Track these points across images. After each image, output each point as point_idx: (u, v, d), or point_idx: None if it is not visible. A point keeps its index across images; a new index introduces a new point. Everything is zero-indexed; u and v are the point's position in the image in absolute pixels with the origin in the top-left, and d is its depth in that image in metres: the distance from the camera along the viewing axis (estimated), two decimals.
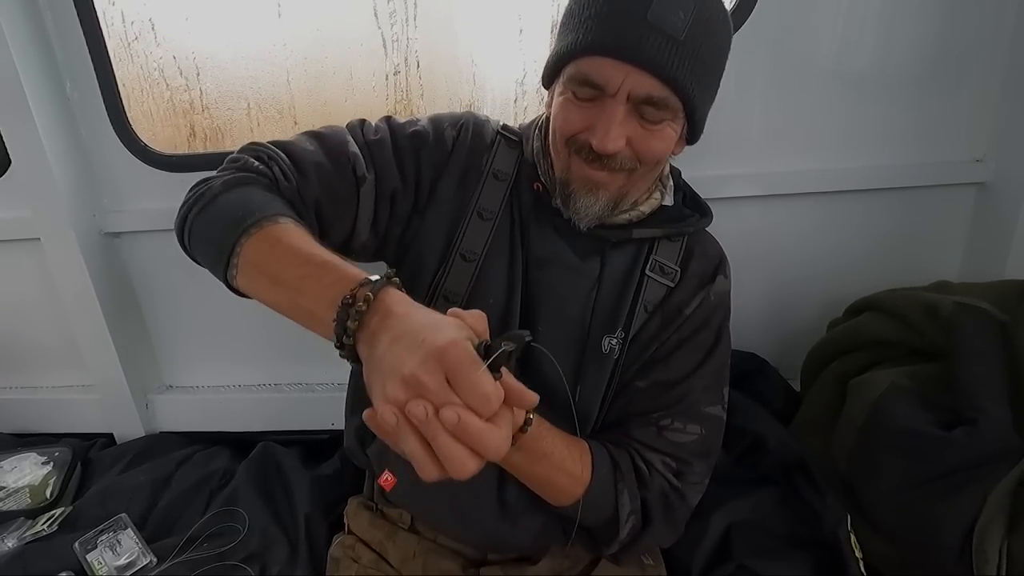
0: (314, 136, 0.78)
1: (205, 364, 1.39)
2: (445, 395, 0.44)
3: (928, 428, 0.86)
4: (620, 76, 0.65)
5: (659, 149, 0.71)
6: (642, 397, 0.80)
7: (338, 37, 1.15)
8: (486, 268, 0.79)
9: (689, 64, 0.65)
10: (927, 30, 1.10)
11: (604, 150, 0.68)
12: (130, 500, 1.10)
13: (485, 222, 0.80)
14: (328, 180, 0.74)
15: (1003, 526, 0.77)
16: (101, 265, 1.24)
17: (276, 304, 0.60)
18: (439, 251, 0.80)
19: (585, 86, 0.68)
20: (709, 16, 0.66)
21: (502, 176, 0.81)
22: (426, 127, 0.81)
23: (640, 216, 0.80)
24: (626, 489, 0.75)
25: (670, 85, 0.66)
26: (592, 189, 0.73)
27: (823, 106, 1.15)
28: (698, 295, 0.81)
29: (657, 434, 0.78)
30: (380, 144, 0.78)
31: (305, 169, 0.73)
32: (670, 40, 0.64)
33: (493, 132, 0.84)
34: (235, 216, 0.63)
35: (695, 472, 0.79)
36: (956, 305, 0.95)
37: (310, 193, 0.73)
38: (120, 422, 1.35)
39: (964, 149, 1.19)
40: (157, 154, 1.20)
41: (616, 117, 0.67)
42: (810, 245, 1.25)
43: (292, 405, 1.35)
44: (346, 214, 0.76)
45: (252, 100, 1.19)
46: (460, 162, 0.81)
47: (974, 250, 1.23)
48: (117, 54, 1.14)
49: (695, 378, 0.80)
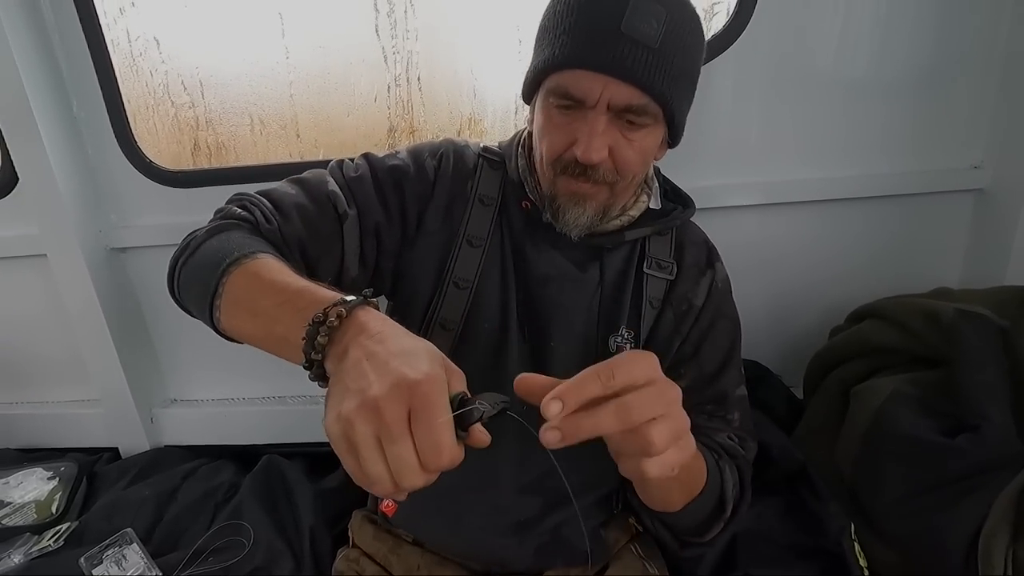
0: (295, 181, 0.79)
1: (209, 378, 1.40)
2: (399, 432, 0.41)
3: (931, 435, 0.86)
4: (599, 87, 0.66)
5: (637, 161, 0.72)
6: (688, 393, 0.81)
7: (340, 52, 1.16)
8: (479, 294, 0.81)
9: (665, 70, 0.66)
10: (923, 39, 1.11)
11: (588, 160, 0.68)
12: (135, 514, 1.11)
13: (475, 248, 0.81)
14: (310, 219, 0.74)
15: (1008, 533, 0.77)
16: (107, 280, 1.25)
17: (254, 337, 0.59)
18: (432, 280, 0.81)
19: (565, 98, 0.69)
20: (681, 22, 0.67)
21: (488, 201, 0.82)
22: (406, 160, 0.81)
23: (630, 220, 0.81)
24: (727, 465, 0.77)
25: (648, 92, 0.67)
26: (579, 201, 0.74)
27: (821, 115, 1.16)
28: (702, 284, 0.83)
29: (710, 420, 0.81)
30: (360, 180, 0.79)
31: (286, 211, 0.74)
32: (645, 49, 0.65)
33: (474, 156, 0.84)
34: (216, 259, 0.63)
35: (750, 447, 0.82)
36: (957, 312, 0.95)
37: (292, 233, 0.73)
38: (125, 436, 1.36)
39: (961, 156, 1.20)
40: (162, 170, 1.22)
41: (598, 127, 0.68)
42: (811, 253, 1.25)
43: (296, 418, 1.35)
44: (332, 251, 0.76)
45: (256, 116, 1.20)
46: (444, 191, 0.81)
47: (974, 256, 1.23)
48: (122, 72, 1.16)
49: (729, 368, 0.83)
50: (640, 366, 0.46)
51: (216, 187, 1.22)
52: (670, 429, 0.46)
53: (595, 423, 0.43)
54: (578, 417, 0.43)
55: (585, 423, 0.43)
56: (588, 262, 0.82)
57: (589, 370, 0.45)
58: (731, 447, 0.79)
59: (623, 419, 0.44)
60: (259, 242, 0.68)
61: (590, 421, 0.43)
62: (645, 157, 0.73)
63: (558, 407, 0.43)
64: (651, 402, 0.45)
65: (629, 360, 0.46)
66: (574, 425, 0.43)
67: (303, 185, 0.78)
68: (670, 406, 0.47)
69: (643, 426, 0.44)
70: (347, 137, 1.23)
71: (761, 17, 1.09)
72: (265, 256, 0.63)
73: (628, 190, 0.77)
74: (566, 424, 0.43)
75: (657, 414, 0.45)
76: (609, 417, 0.43)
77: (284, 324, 0.54)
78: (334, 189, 0.77)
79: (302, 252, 0.75)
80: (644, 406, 0.44)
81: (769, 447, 1.04)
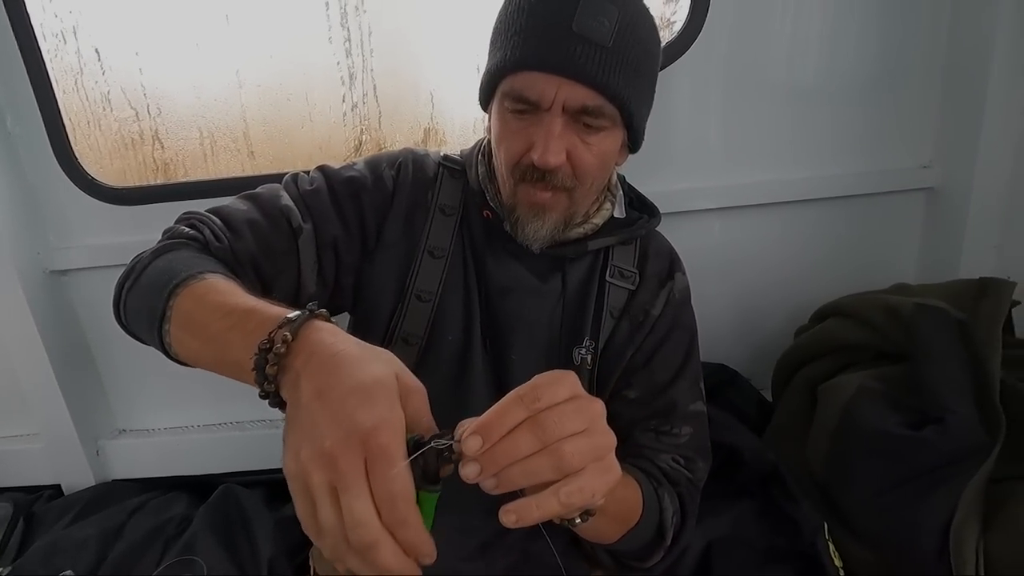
0: (247, 196, 0.76)
1: (161, 405, 1.32)
2: (354, 482, 0.38)
3: (899, 429, 0.86)
4: (552, 89, 0.65)
5: (596, 165, 0.70)
6: (636, 406, 0.79)
7: (292, 62, 1.14)
8: (443, 306, 0.78)
9: (620, 70, 0.65)
10: (869, 46, 1.15)
11: (546, 164, 0.66)
12: (77, 555, 1.03)
13: (437, 260, 0.78)
14: (263, 235, 0.71)
15: (977, 524, 0.77)
16: (46, 305, 1.18)
17: (207, 362, 0.56)
18: (393, 294, 0.79)
19: (520, 102, 0.67)
20: (635, 21, 0.66)
21: (449, 211, 0.80)
22: (363, 171, 0.79)
23: (594, 229, 0.79)
24: (665, 493, 0.74)
25: (604, 93, 0.65)
26: (538, 213, 0.72)
27: (777, 120, 1.18)
28: (661, 294, 0.81)
29: (656, 439, 0.78)
30: (315, 193, 0.76)
31: (237, 227, 0.71)
32: (598, 48, 0.63)
33: (435, 164, 0.82)
34: (162, 281, 0.60)
35: (699, 468, 0.79)
36: (915, 306, 0.97)
37: (244, 250, 0.70)
38: (68, 472, 1.27)
39: (911, 157, 1.23)
40: (105, 187, 1.16)
41: (554, 130, 0.66)
42: (773, 254, 1.27)
43: (255, 444, 1.29)
44: (288, 268, 0.73)
45: (205, 129, 1.16)
46: (404, 202, 0.79)
47: (929, 252, 1.26)
48: (61, 86, 1.11)
49: (681, 380, 0.80)
50: (563, 384, 0.42)
51: (164, 204, 1.17)
52: (589, 446, 0.41)
53: (512, 445, 0.39)
54: (496, 445, 0.39)
55: (501, 448, 0.39)
56: (550, 273, 0.80)
57: (511, 395, 0.41)
58: (672, 472, 0.77)
59: (539, 436, 0.39)
60: (208, 261, 0.65)
61: (506, 445, 0.39)
62: (604, 161, 0.71)
63: (477, 443, 0.39)
64: (569, 417, 0.40)
65: (551, 379, 0.42)
66: (491, 455, 0.39)
67: (255, 200, 0.75)
68: (593, 422, 0.42)
69: (558, 442, 0.40)
70: (302, 151, 1.20)
71: (713, 25, 1.11)
72: (213, 276, 0.60)
73: (588, 196, 0.75)
74: (485, 457, 0.39)
75: (576, 430, 0.41)
76: (525, 435, 0.39)
77: (236, 349, 0.50)
78: (288, 203, 0.74)
79: (256, 270, 0.71)
80: (562, 421, 0.40)
81: (741, 450, 1.03)
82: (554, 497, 0.40)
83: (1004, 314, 0.94)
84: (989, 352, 0.90)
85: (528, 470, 0.40)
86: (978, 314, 0.94)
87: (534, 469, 0.40)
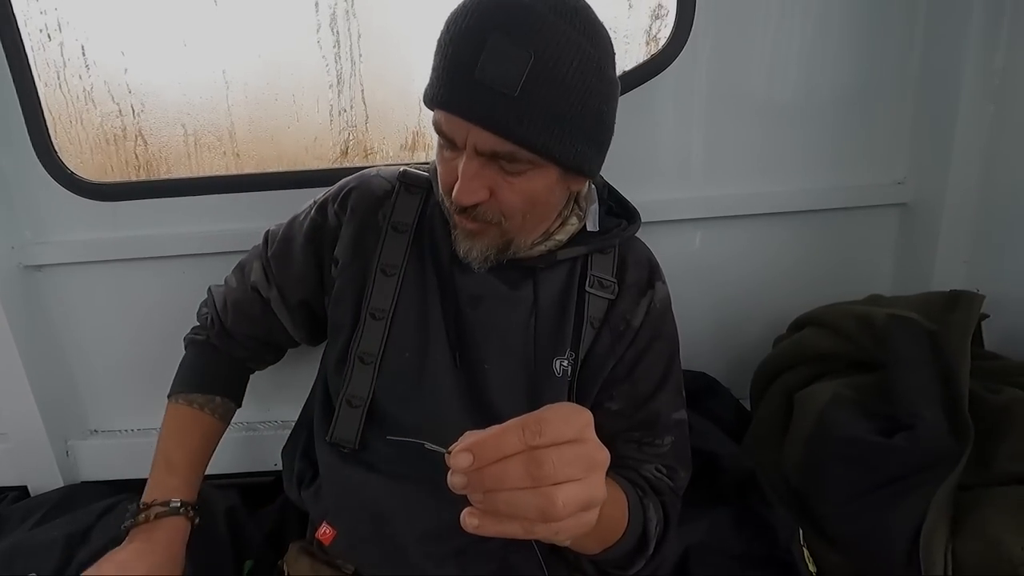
0: (239, 268, 0.93)
1: (134, 405, 1.29)
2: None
3: (870, 436, 0.88)
4: (464, 131, 0.64)
5: (521, 202, 0.69)
6: (618, 418, 0.80)
7: (280, 62, 1.14)
8: (397, 324, 0.79)
9: (529, 116, 0.62)
10: (845, 66, 1.18)
11: (461, 203, 0.67)
12: (41, 559, 0.99)
13: (390, 277, 0.80)
14: (243, 311, 0.90)
15: (946, 530, 0.79)
16: (19, 300, 1.15)
17: None
18: (351, 314, 0.81)
19: (442, 136, 0.68)
20: (554, 62, 0.61)
21: (402, 228, 0.81)
22: (315, 216, 0.86)
23: (558, 244, 0.79)
24: (651, 503, 0.75)
25: (511, 140, 0.63)
26: (469, 236, 0.73)
27: (757, 134, 1.21)
28: (641, 304, 0.81)
29: (639, 449, 0.79)
30: (277, 257, 0.88)
31: (229, 309, 0.91)
32: (502, 96, 0.61)
33: (388, 184, 0.84)
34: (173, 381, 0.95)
35: (680, 477, 0.80)
36: (888, 316, 0.99)
37: (236, 327, 0.91)
38: (35, 473, 1.23)
39: (886, 173, 1.27)
40: (85, 182, 1.14)
41: (468, 171, 0.65)
42: (752, 265, 1.29)
43: (230, 447, 1.25)
44: (272, 326, 0.90)
45: (189, 126, 1.15)
46: (352, 228, 0.82)
47: (902, 265, 1.29)
48: (43, 78, 1.09)
49: (663, 391, 0.81)
50: (571, 424, 0.41)
51: (145, 200, 1.15)
52: (581, 497, 0.39)
53: (502, 474, 0.38)
54: (487, 468, 0.39)
55: (490, 473, 0.39)
56: (520, 281, 0.80)
57: (515, 421, 0.40)
58: (657, 481, 0.78)
59: (533, 473, 0.38)
60: (193, 375, 0.94)
61: (496, 471, 0.38)
62: (532, 198, 0.70)
63: (467, 461, 0.38)
64: (570, 462, 0.39)
65: (562, 416, 0.40)
66: (479, 476, 0.39)
67: (240, 272, 0.92)
68: (590, 472, 0.41)
69: (551, 487, 0.38)
70: (287, 151, 1.19)
71: (697, 41, 1.13)
72: (180, 405, 0.92)
73: (525, 228, 0.74)
74: (473, 476, 0.39)
75: (572, 477, 0.39)
76: (518, 468, 0.38)
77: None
78: (256, 278, 0.89)
79: (251, 337, 0.92)
80: (560, 465, 0.38)
81: (719, 457, 1.04)
82: (520, 527, 0.39)
83: (973, 326, 0.97)
84: (959, 362, 0.92)
85: (512, 503, 0.39)
86: (949, 325, 0.97)
87: (519, 504, 0.39)
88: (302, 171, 1.18)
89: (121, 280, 1.19)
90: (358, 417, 0.80)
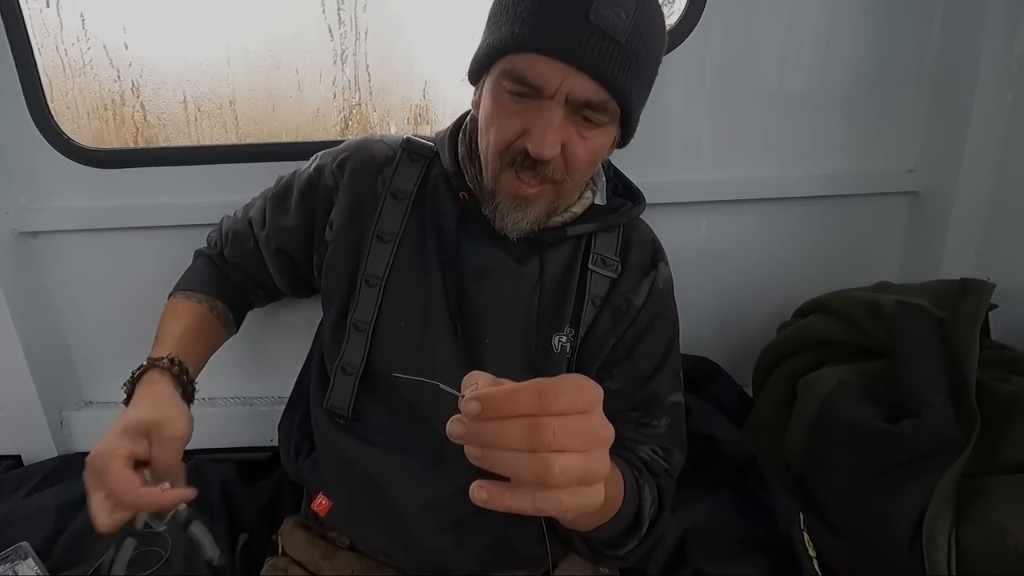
0: (249, 204, 0.94)
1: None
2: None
3: (875, 422, 0.87)
4: (559, 77, 0.61)
5: (588, 160, 0.68)
6: (617, 397, 0.78)
7: (283, 31, 1.11)
8: (391, 290, 0.77)
9: (629, 67, 0.62)
10: (860, 52, 1.16)
11: (541, 155, 0.64)
12: (33, 527, 0.98)
13: (385, 244, 0.78)
14: (238, 243, 0.92)
15: (950, 517, 0.78)
16: (13, 267, 1.13)
17: None
18: (346, 281, 0.80)
19: (520, 84, 0.63)
20: (649, 18, 0.63)
21: (401, 195, 0.79)
22: (312, 172, 0.86)
23: (573, 217, 0.78)
24: (646, 484, 0.74)
25: (610, 89, 0.62)
26: (520, 205, 0.70)
27: (767, 119, 1.19)
28: (644, 284, 0.80)
29: (636, 429, 0.78)
30: (274, 200, 0.89)
31: (227, 237, 0.93)
32: (612, 42, 0.60)
33: (390, 150, 0.82)
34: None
35: (676, 459, 0.79)
36: (897, 304, 0.97)
37: (231, 256, 0.93)
38: (30, 442, 1.22)
39: (897, 161, 1.25)
40: (81, 148, 1.12)
41: (553, 121, 0.63)
42: (758, 250, 1.27)
43: (226, 420, 1.25)
44: (261, 267, 0.91)
45: (189, 93, 1.13)
46: (349, 192, 0.80)
47: (911, 253, 1.28)
48: (41, 42, 1.07)
49: (662, 372, 0.80)
50: (585, 396, 0.40)
51: (142, 168, 1.13)
52: (580, 468, 0.39)
53: (502, 433, 0.38)
54: (487, 424, 0.38)
55: (489, 429, 0.38)
56: (528, 256, 0.78)
57: (533, 383, 0.38)
58: (653, 462, 0.77)
59: (532, 439, 0.37)
60: (198, 277, 0.93)
61: (495, 428, 0.38)
62: (596, 156, 0.69)
63: (476, 410, 0.38)
64: (572, 434, 0.38)
65: (576, 388, 0.40)
66: (478, 429, 0.38)
67: (249, 207, 0.93)
68: (593, 446, 0.40)
69: (549, 453, 0.38)
70: (288, 122, 1.17)
71: (709, 21, 1.11)
72: (178, 297, 0.90)
73: (575, 190, 0.74)
74: (472, 426, 0.38)
75: (573, 448, 0.38)
76: (518, 431, 0.37)
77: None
78: (255, 214, 0.90)
79: (240, 269, 0.93)
80: (561, 434, 0.38)
81: (720, 441, 1.03)
82: (529, 499, 0.39)
83: (982, 315, 0.96)
84: (967, 351, 0.91)
85: (508, 463, 0.38)
86: (957, 313, 0.95)
87: (515, 465, 0.38)
88: (302, 142, 1.16)
89: (117, 249, 1.17)
90: (351, 385, 0.79)
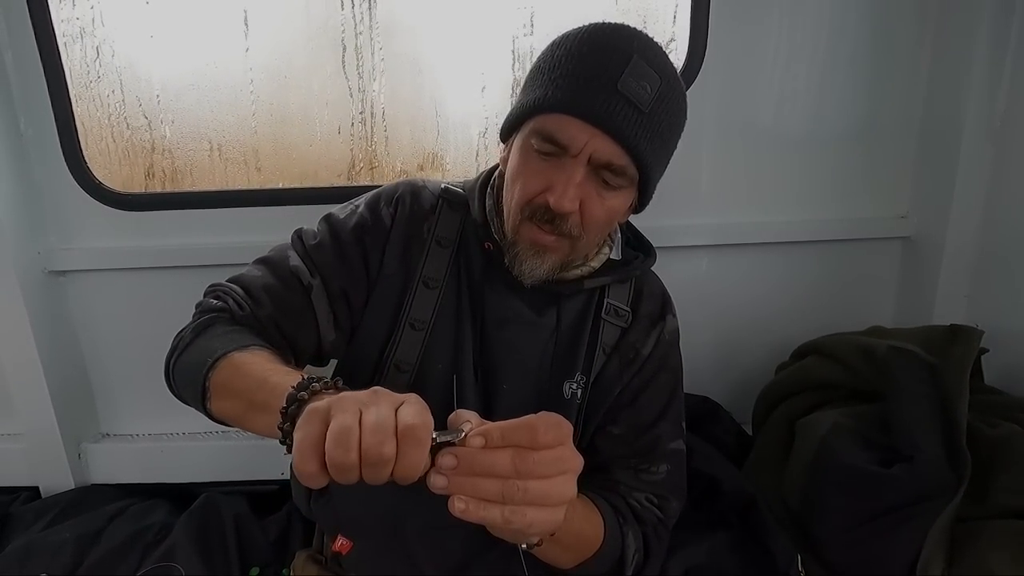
0: (261, 261, 0.82)
1: (146, 410, 1.32)
2: (384, 402, 0.47)
3: (869, 465, 0.89)
4: (584, 138, 0.67)
5: (604, 220, 0.73)
6: (619, 443, 0.81)
7: (305, 85, 1.18)
8: (435, 335, 0.81)
9: (649, 137, 0.67)
10: (852, 102, 1.22)
11: (561, 209, 0.68)
12: (52, 558, 1.01)
13: (431, 290, 0.81)
14: (279, 298, 0.78)
15: (943, 560, 0.80)
16: (41, 304, 1.19)
17: (236, 414, 0.65)
18: (388, 322, 0.81)
19: (548, 142, 0.69)
20: (672, 95, 0.69)
21: (445, 243, 0.82)
22: (363, 213, 0.82)
23: (591, 271, 0.82)
24: (630, 531, 0.76)
25: (631, 154, 0.67)
26: (539, 252, 0.74)
27: (765, 165, 1.25)
28: (652, 334, 0.84)
29: (635, 476, 0.81)
30: (319, 248, 0.81)
31: (256, 294, 0.78)
32: (636, 111, 0.66)
33: (433, 197, 0.84)
34: (202, 359, 0.68)
35: (672, 507, 0.82)
36: (889, 348, 1.01)
37: (266, 315, 0.77)
38: (48, 474, 1.26)
39: (890, 207, 1.30)
40: (111, 192, 1.18)
41: (575, 177, 0.68)
42: (757, 292, 1.31)
43: (239, 455, 1.28)
44: (306, 323, 0.79)
45: (215, 142, 1.19)
46: (401, 235, 0.82)
47: (904, 297, 1.32)
48: (77, 92, 1.14)
49: (664, 421, 0.83)
50: (562, 430, 0.49)
51: (168, 211, 1.19)
52: (546, 492, 0.48)
53: (491, 462, 0.47)
54: (479, 452, 0.47)
55: (480, 458, 0.47)
56: (546, 307, 0.82)
57: (532, 419, 0.48)
58: (644, 511, 0.79)
59: (518, 467, 0.47)
60: (241, 334, 0.72)
61: (486, 458, 0.47)
62: (612, 218, 0.74)
63: (452, 463, 0.47)
64: (548, 462, 0.48)
65: (556, 423, 0.49)
66: (470, 456, 0.47)
67: (268, 264, 0.81)
68: (560, 473, 0.49)
69: (523, 480, 0.47)
70: (308, 168, 1.23)
71: (708, 72, 1.17)
72: (242, 352, 0.67)
73: (589, 247, 0.78)
74: (464, 454, 0.47)
75: (546, 475, 0.48)
76: (504, 460, 0.47)
77: (266, 391, 0.59)
78: (296, 264, 0.80)
79: (279, 330, 0.78)
80: (541, 463, 0.47)
81: (720, 480, 1.05)
82: (498, 510, 0.47)
83: (972, 360, 0.99)
84: (958, 395, 0.94)
85: (479, 489, 0.47)
86: (949, 358, 0.99)
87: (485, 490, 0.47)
88: (322, 187, 1.22)
89: (140, 288, 1.23)
90: None
